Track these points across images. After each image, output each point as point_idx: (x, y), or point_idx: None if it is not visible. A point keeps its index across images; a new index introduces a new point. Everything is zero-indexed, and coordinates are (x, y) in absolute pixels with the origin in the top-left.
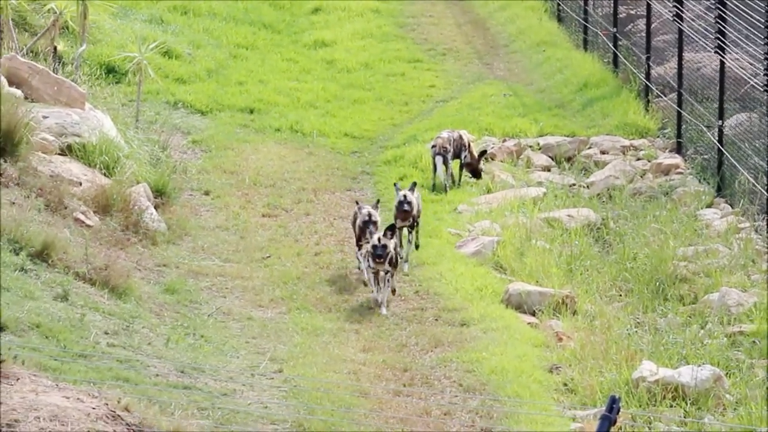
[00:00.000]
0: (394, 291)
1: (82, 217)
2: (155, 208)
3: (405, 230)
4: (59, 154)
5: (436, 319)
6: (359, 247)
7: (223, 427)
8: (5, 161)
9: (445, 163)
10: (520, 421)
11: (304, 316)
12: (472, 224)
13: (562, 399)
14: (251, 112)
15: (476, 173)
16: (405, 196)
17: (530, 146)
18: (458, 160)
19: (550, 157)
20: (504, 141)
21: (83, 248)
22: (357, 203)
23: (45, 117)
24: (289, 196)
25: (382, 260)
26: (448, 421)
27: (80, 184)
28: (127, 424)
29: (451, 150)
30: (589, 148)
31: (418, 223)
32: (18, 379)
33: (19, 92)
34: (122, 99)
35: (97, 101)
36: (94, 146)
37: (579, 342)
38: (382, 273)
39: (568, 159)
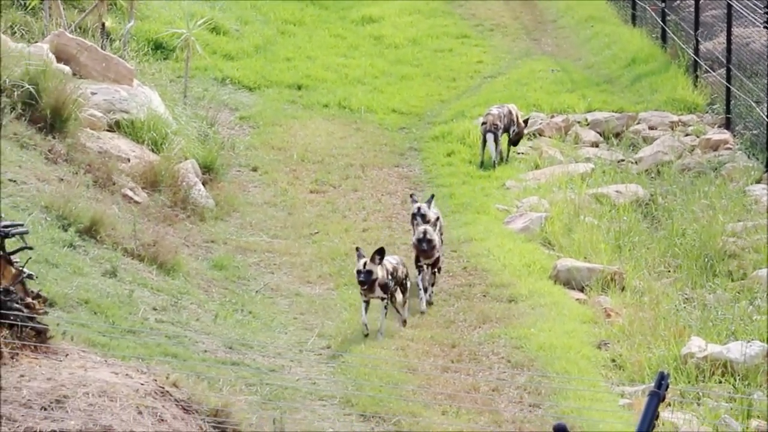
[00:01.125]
0: (404, 322)
1: (130, 193)
2: (203, 184)
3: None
4: (107, 131)
5: (484, 295)
6: (418, 269)
7: (271, 403)
8: (54, 137)
9: (496, 140)
10: (569, 397)
11: (352, 292)
12: (520, 200)
13: (611, 375)
14: (299, 88)
15: (518, 141)
16: (419, 208)
17: (578, 122)
18: (506, 135)
19: (598, 132)
20: (552, 117)
21: (131, 224)
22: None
23: (93, 93)
24: (337, 172)
25: (366, 287)
26: (496, 397)
27: (128, 160)
28: (176, 400)
29: (502, 126)
30: (638, 123)
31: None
32: (67, 355)
33: (67, 69)
34: (170, 75)
35: (145, 77)
36: (142, 122)
37: (627, 318)
38: (379, 301)
39: (617, 135)
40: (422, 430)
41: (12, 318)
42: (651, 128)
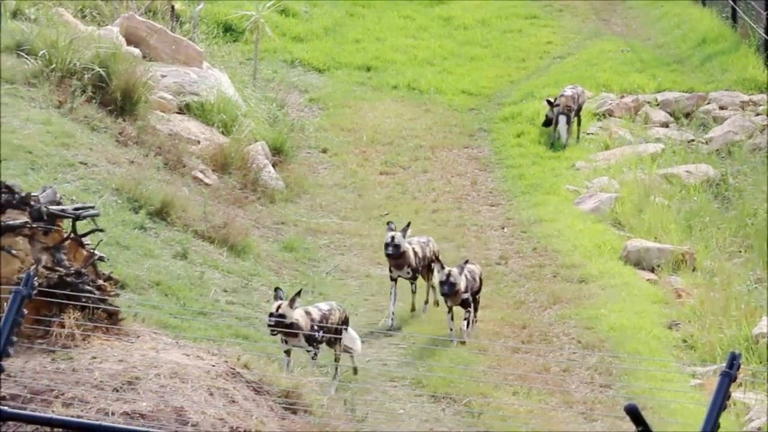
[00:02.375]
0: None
1: (200, 175)
2: (273, 166)
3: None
4: (177, 113)
5: (555, 276)
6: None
7: (342, 385)
8: (124, 120)
9: (568, 121)
10: (640, 377)
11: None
12: (591, 181)
13: (682, 356)
14: (368, 69)
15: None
16: (393, 237)
17: (648, 102)
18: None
19: (668, 113)
20: (622, 97)
21: (202, 206)
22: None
23: (163, 76)
24: (407, 154)
25: (275, 333)
26: (567, 378)
27: (198, 142)
28: (247, 382)
29: (575, 107)
30: (708, 103)
31: (415, 277)
32: (138, 336)
33: (137, 51)
34: (239, 57)
35: (215, 60)
36: (212, 105)
37: (698, 298)
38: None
39: (687, 115)
40: (493, 410)
41: (84, 300)
42: (721, 108)
